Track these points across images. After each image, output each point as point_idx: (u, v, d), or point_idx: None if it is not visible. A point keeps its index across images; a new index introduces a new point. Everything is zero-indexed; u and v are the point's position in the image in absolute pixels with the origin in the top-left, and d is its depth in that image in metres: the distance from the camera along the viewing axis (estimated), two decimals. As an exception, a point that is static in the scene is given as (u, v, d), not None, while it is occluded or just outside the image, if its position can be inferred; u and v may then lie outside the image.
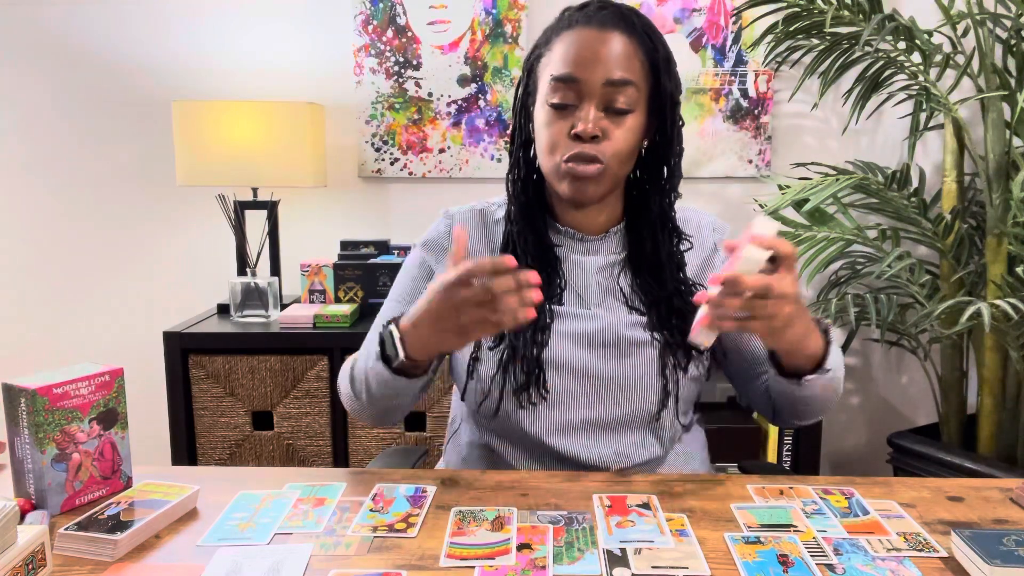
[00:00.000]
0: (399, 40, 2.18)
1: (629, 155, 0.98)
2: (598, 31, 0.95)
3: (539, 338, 0.99)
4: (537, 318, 0.99)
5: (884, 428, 2.32)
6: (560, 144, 0.96)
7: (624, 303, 1.03)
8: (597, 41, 0.94)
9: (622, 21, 0.95)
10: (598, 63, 0.94)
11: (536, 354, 0.98)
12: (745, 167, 2.22)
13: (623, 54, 0.94)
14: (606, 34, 0.94)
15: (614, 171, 0.97)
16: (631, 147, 0.98)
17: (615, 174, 0.98)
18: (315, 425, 1.89)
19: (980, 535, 0.73)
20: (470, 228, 1.08)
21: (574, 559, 0.74)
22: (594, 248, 1.05)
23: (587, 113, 0.95)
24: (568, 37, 0.96)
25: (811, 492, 0.90)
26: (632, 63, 0.95)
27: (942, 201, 1.95)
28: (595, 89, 0.94)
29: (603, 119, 0.95)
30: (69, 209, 2.26)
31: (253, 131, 1.95)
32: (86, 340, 2.31)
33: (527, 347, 0.98)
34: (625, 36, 0.95)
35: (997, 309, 1.58)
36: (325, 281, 2.05)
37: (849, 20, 1.85)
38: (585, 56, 0.94)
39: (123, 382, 0.90)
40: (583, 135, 0.94)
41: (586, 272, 1.04)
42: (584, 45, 0.94)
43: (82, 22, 2.18)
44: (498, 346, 1.00)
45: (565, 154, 0.96)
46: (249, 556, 0.74)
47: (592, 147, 0.95)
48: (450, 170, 2.23)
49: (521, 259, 1.01)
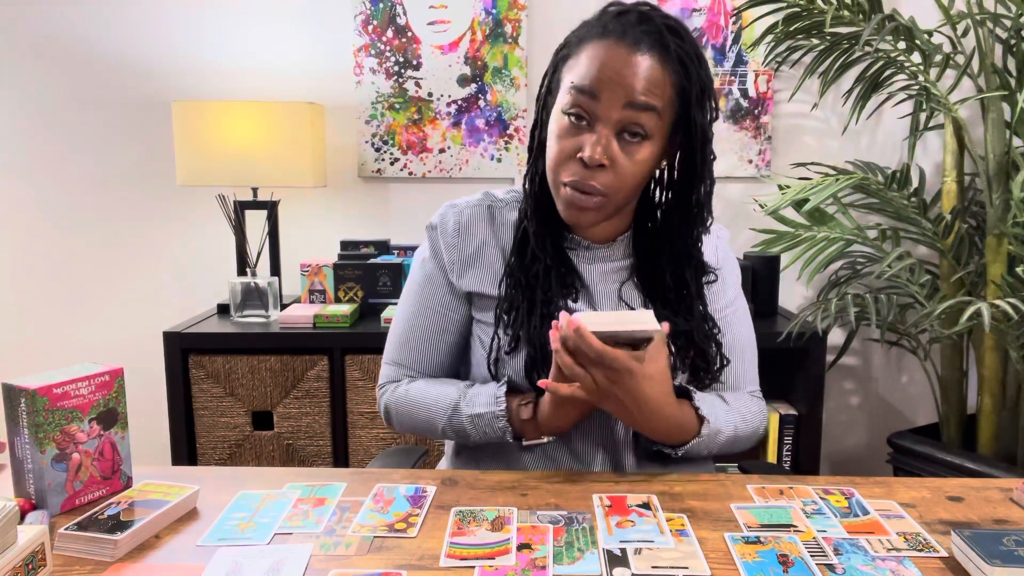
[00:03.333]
0: (399, 40, 2.18)
1: (636, 185, 0.94)
2: (629, 50, 0.88)
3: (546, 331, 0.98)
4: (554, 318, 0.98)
5: (884, 428, 2.32)
6: (565, 163, 0.93)
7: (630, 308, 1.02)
8: (626, 61, 0.88)
9: (658, 44, 0.89)
10: (622, 84, 0.88)
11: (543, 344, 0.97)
12: (745, 167, 2.22)
13: (650, 79, 0.88)
14: (636, 56, 0.88)
15: (616, 202, 0.94)
16: (640, 177, 0.94)
17: (618, 204, 0.95)
18: (315, 425, 1.89)
19: (980, 535, 0.73)
20: (478, 221, 1.05)
21: (574, 559, 0.74)
22: (600, 256, 1.04)
23: (599, 137, 0.90)
24: (598, 48, 0.90)
25: (811, 492, 0.90)
26: (658, 89, 0.89)
27: (942, 201, 1.95)
28: (613, 109, 0.89)
29: (614, 146, 0.90)
30: (69, 209, 2.26)
31: (253, 131, 1.95)
32: (86, 340, 2.31)
33: (535, 341, 0.97)
34: (657, 61, 0.89)
35: (997, 309, 1.58)
36: (325, 281, 2.05)
37: (849, 20, 1.85)
38: (610, 74, 0.88)
39: (123, 382, 0.89)
40: (589, 163, 0.90)
41: (592, 279, 1.03)
42: (611, 62, 0.89)
43: (82, 22, 2.18)
44: (515, 349, 0.99)
45: (568, 176, 0.92)
46: (249, 556, 0.74)
47: (596, 177, 0.91)
48: (450, 170, 2.23)
49: (538, 259, 1.00)
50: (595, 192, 0.92)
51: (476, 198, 1.08)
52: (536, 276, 1.00)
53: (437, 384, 1.06)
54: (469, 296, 1.06)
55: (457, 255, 1.05)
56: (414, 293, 1.09)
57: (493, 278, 1.04)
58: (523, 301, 0.99)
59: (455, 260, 1.05)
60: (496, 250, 1.05)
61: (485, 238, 1.05)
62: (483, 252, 1.04)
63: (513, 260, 1.02)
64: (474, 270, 1.04)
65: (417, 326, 1.07)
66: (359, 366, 1.87)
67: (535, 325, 0.98)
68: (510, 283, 1.01)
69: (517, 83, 2.19)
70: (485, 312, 1.05)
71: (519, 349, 0.99)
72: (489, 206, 1.07)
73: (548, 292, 0.99)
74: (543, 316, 0.98)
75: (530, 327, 0.98)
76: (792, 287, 2.23)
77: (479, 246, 1.04)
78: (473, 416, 0.99)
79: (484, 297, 1.04)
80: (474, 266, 1.04)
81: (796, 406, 1.99)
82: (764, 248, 2.00)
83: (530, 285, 1.00)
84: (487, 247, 1.05)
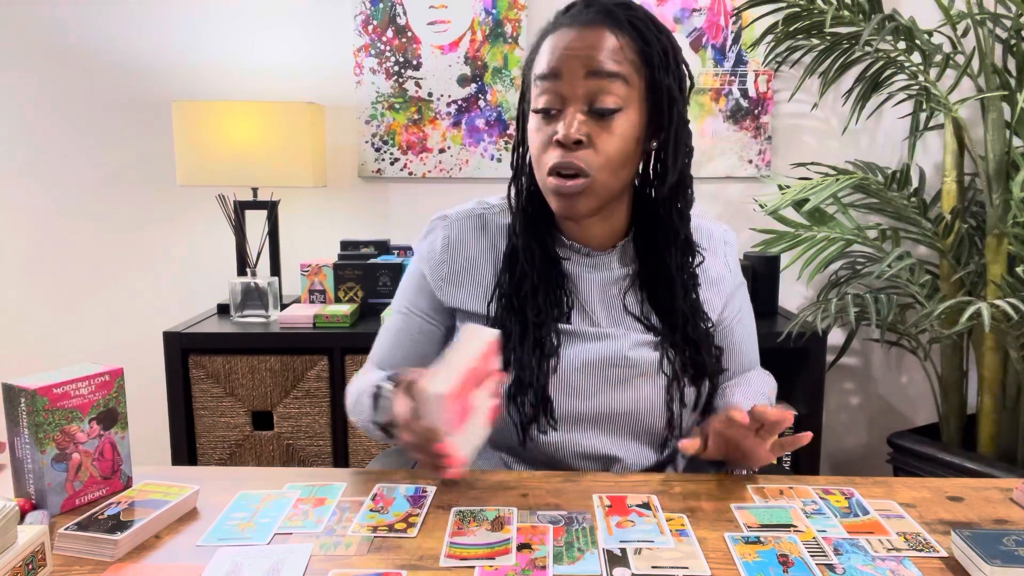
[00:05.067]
0: (399, 40, 2.18)
1: (621, 163, 0.92)
2: (580, 28, 0.90)
3: (546, 366, 0.96)
4: (544, 345, 0.96)
5: (884, 428, 2.32)
6: (545, 153, 0.92)
7: (633, 320, 1.00)
8: (579, 37, 0.90)
9: (608, 18, 0.90)
10: (579, 57, 0.89)
11: (543, 383, 0.96)
12: (745, 167, 2.22)
13: (607, 47, 0.89)
14: (589, 30, 0.90)
15: (604, 182, 0.91)
16: (623, 153, 0.91)
17: (605, 184, 0.92)
18: (315, 425, 1.89)
19: (980, 535, 0.73)
20: (469, 234, 1.03)
21: (574, 559, 0.74)
22: (601, 263, 1.01)
23: (570, 117, 0.89)
24: (553, 39, 0.92)
25: (811, 492, 0.90)
26: (619, 56, 0.89)
27: (942, 201, 1.95)
28: (577, 84, 0.89)
29: (587, 123, 0.89)
30: (69, 209, 2.26)
31: (253, 131, 1.95)
32: (86, 340, 2.31)
33: (534, 377, 0.95)
34: (610, 31, 0.90)
35: (997, 309, 1.58)
36: (325, 281, 2.05)
37: (849, 20, 1.85)
38: (566, 53, 0.89)
39: (123, 382, 0.89)
40: (564, 141, 0.89)
41: (592, 288, 1.01)
42: (566, 42, 0.90)
43: (82, 22, 2.18)
44: (503, 370, 0.96)
45: (550, 165, 0.91)
46: (249, 556, 0.74)
47: (576, 156, 0.90)
48: (450, 170, 2.23)
49: (527, 275, 0.98)
50: (579, 172, 0.90)
51: (468, 207, 1.06)
52: (526, 297, 0.97)
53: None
54: (453, 312, 1.05)
55: (446, 270, 1.03)
56: (402, 302, 1.08)
57: (483, 293, 1.02)
58: (515, 324, 0.97)
59: (442, 277, 1.03)
60: (488, 263, 1.03)
61: (475, 252, 1.03)
62: (473, 268, 1.02)
63: (505, 277, 1.00)
64: (462, 288, 1.03)
65: (400, 342, 1.07)
66: (359, 366, 1.87)
67: (527, 351, 0.96)
68: (501, 303, 0.99)
69: (517, 83, 2.19)
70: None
71: (519, 383, 0.96)
72: (481, 214, 1.05)
73: (539, 315, 0.97)
74: (535, 341, 0.96)
75: (522, 353, 0.96)
76: (792, 287, 2.23)
77: (468, 262, 1.03)
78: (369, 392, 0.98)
79: (470, 315, 1.02)
80: (462, 284, 1.03)
81: (796, 406, 1.99)
82: (764, 248, 2.00)
83: (521, 307, 0.98)
84: (477, 263, 1.03)
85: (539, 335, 0.97)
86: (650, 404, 0.98)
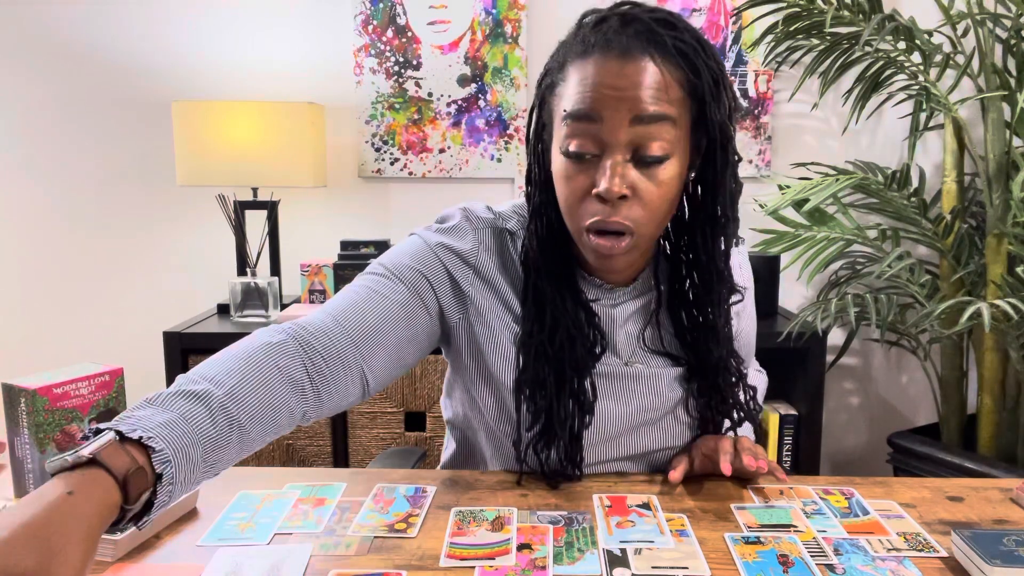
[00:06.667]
0: (399, 40, 2.18)
1: (667, 213, 0.82)
2: (620, 60, 0.76)
3: (584, 417, 0.89)
4: (582, 395, 0.89)
5: (884, 428, 2.32)
6: (581, 205, 0.80)
7: (661, 352, 0.94)
8: (619, 72, 0.75)
9: (651, 44, 0.76)
10: (622, 99, 0.75)
11: (578, 434, 0.89)
12: (745, 167, 2.22)
13: (653, 85, 0.76)
14: (632, 63, 0.75)
15: (649, 235, 0.82)
16: (670, 203, 0.81)
17: (650, 237, 0.83)
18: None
19: (980, 535, 0.73)
20: (491, 252, 0.93)
21: (574, 559, 0.74)
22: (624, 295, 0.93)
23: (612, 166, 0.77)
24: (584, 68, 0.78)
25: (811, 492, 0.90)
26: (665, 94, 0.76)
27: (942, 201, 1.95)
28: (620, 130, 0.76)
29: (632, 172, 0.78)
30: (69, 209, 2.26)
31: (253, 131, 1.95)
32: (86, 340, 2.31)
33: (567, 427, 0.88)
34: (655, 63, 0.76)
35: (997, 309, 1.58)
36: (325, 281, 2.05)
37: (849, 20, 1.85)
38: (605, 92, 0.76)
39: (123, 382, 0.90)
40: (607, 196, 0.77)
41: (617, 323, 0.92)
42: (603, 78, 0.76)
43: (82, 22, 2.18)
44: (537, 422, 0.88)
45: (588, 218, 0.80)
46: (249, 556, 0.74)
47: (619, 212, 0.78)
48: (450, 170, 2.23)
49: (560, 323, 0.88)
50: (624, 231, 0.79)
51: (486, 216, 0.94)
52: (562, 347, 0.88)
53: (270, 360, 0.75)
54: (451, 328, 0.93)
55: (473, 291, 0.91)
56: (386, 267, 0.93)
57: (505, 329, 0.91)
58: (549, 372, 0.88)
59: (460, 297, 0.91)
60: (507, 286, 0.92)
61: (496, 272, 0.92)
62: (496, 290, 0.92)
63: (534, 326, 0.89)
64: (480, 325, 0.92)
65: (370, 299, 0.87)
66: (359, 366, 1.87)
67: (564, 403, 0.88)
68: (531, 352, 0.88)
69: (517, 83, 2.19)
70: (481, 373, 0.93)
71: (551, 434, 0.88)
72: (501, 231, 0.93)
73: (575, 365, 0.88)
74: (571, 395, 0.88)
75: (560, 409, 0.88)
76: (792, 287, 2.23)
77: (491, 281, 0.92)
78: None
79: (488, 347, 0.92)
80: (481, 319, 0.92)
81: (796, 406, 1.99)
82: (764, 248, 2.00)
83: (558, 357, 0.88)
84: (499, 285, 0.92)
85: (575, 387, 0.89)
86: (678, 440, 0.96)
